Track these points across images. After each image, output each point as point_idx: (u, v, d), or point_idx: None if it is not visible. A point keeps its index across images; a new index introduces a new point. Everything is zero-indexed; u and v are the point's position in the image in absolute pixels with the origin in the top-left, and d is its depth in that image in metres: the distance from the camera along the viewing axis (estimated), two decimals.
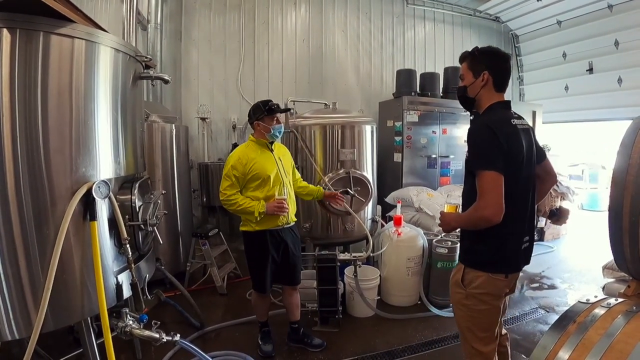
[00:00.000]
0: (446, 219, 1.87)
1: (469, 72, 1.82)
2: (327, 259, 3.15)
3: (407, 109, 5.25)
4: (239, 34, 5.63)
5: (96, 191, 1.53)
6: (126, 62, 1.87)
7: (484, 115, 1.80)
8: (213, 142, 5.57)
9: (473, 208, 1.67)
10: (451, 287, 1.90)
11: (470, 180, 1.73)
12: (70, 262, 1.60)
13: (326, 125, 3.81)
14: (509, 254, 1.76)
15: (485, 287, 1.74)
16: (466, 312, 1.81)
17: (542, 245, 5.78)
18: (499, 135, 1.62)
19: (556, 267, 4.91)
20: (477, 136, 1.69)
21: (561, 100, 6.72)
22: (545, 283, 4.39)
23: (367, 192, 3.80)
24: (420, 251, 3.58)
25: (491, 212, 1.59)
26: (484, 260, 1.76)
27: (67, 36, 1.61)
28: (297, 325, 2.98)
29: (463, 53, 1.88)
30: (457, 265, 1.89)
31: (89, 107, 1.68)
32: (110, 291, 1.70)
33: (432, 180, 5.43)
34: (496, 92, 1.79)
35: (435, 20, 6.88)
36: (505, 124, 1.70)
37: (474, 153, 1.69)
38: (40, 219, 1.53)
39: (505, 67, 1.80)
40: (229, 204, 2.58)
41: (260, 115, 2.63)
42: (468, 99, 1.85)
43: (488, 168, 1.60)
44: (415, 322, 3.38)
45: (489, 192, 1.59)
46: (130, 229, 1.75)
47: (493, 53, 1.81)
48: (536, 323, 3.43)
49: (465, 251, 1.86)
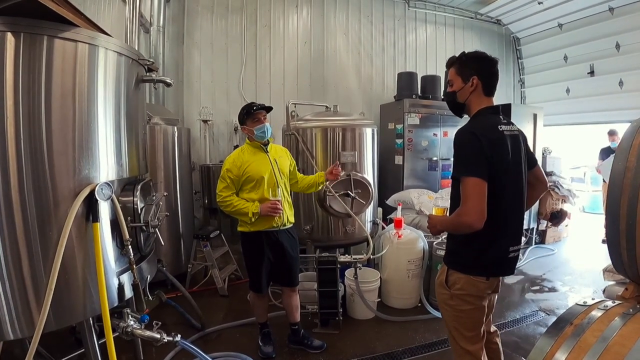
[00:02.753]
0: (433, 222, 1.89)
1: (457, 77, 1.82)
2: (327, 261, 3.16)
3: (409, 111, 5.26)
4: (241, 37, 5.67)
5: (99, 193, 1.55)
6: (129, 66, 1.89)
7: (471, 121, 1.81)
8: (215, 144, 5.60)
9: (456, 213, 1.70)
10: (436, 288, 1.95)
11: (457, 185, 1.74)
12: (73, 262, 1.62)
13: (327, 127, 3.82)
14: (491, 261, 1.76)
15: (467, 288, 1.77)
16: (451, 312, 1.85)
17: (543, 248, 5.78)
18: (483, 142, 1.63)
19: (557, 269, 4.89)
20: (460, 142, 1.70)
21: (562, 103, 6.71)
22: (546, 286, 4.38)
23: (367, 195, 3.80)
24: (420, 253, 3.59)
25: (472, 219, 1.61)
26: (466, 263, 1.78)
27: (70, 40, 1.63)
28: (297, 327, 2.99)
29: (450, 58, 1.89)
30: (442, 267, 1.92)
31: (91, 110, 1.70)
32: (112, 292, 1.71)
33: (433, 183, 5.43)
34: (485, 96, 1.80)
35: (437, 23, 6.90)
36: (491, 130, 1.70)
37: (458, 159, 1.71)
38: (44, 220, 1.55)
39: (493, 71, 1.81)
40: (225, 205, 2.62)
41: (243, 120, 2.69)
42: (457, 104, 1.86)
43: (470, 174, 1.62)
44: (416, 324, 3.38)
45: (470, 198, 1.61)
46: (132, 230, 1.77)
47: (481, 58, 1.81)
48: (536, 326, 3.42)
49: (450, 253, 1.90)
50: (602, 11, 5.70)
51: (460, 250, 1.80)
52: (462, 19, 7.05)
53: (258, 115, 2.65)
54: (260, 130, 2.65)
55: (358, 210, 3.75)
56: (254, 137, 2.67)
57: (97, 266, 1.56)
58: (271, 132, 2.75)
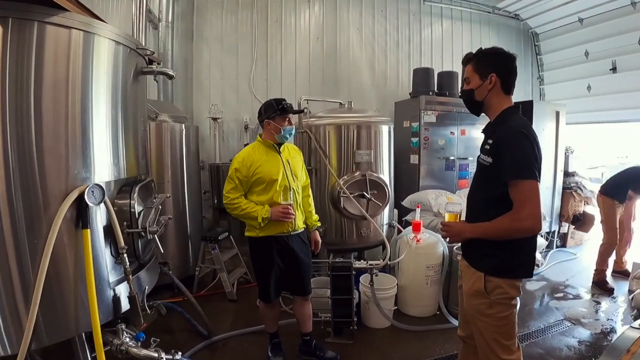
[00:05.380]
0: (456, 229, 1.82)
1: (474, 74, 1.76)
2: (341, 267, 2.98)
3: (425, 108, 5.06)
4: (251, 33, 5.54)
5: (89, 196, 1.39)
6: (127, 56, 1.74)
7: (510, 120, 1.70)
8: (225, 142, 5.47)
9: (510, 218, 1.60)
10: (469, 299, 1.80)
11: (488, 188, 1.70)
12: (65, 273, 1.47)
13: (341, 125, 3.64)
14: (533, 259, 1.75)
15: (511, 292, 1.70)
16: (490, 321, 1.73)
17: (564, 252, 5.59)
18: (533, 142, 1.59)
19: (580, 275, 4.67)
20: (512, 142, 1.61)
21: (583, 101, 6.46)
22: (570, 292, 4.18)
23: (384, 196, 3.61)
24: (440, 259, 3.41)
25: (532, 223, 1.57)
26: (508, 266, 1.70)
27: (63, 26, 1.50)
28: (309, 337, 2.81)
29: (467, 55, 1.83)
30: (472, 274, 1.78)
31: (85, 103, 1.56)
32: (105, 304, 1.56)
33: (450, 183, 5.23)
34: (505, 94, 1.75)
35: (453, 17, 6.68)
36: (532, 130, 1.66)
37: (511, 160, 1.59)
38: (33, 226, 1.41)
39: (512, 68, 1.75)
40: (232, 207, 2.45)
41: (272, 114, 2.47)
42: (475, 102, 1.80)
43: (527, 177, 1.56)
44: (435, 334, 3.20)
45: (529, 202, 1.55)
46: (129, 236, 1.61)
47: (499, 54, 1.76)
48: (562, 336, 3.22)
49: (484, 257, 1.75)
50: (624, 5, 5.43)
51: (499, 253, 1.69)
52: (479, 13, 6.82)
53: (289, 116, 2.50)
54: (289, 131, 2.50)
55: (374, 213, 3.57)
56: (276, 136, 2.49)
57: (87, 277, 1.41)
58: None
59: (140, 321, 1.54)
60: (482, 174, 1.77)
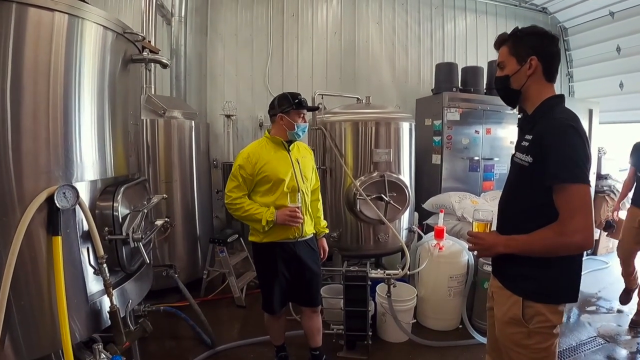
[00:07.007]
0: (487, 243, 1.53)
1: (511, 58, 1.50)
2: (356, 277, 2.76)
3: (448, 106, 4.79)
4: (266, 28, 5.40)
5: (59, 198, 1.20)
6: (114, 42, 1.56)
7: (554, 111, 1.44)
8: (239, 140, 5.33)
9: (554, 232, 1.35)
10: (503, 327, 1.53)
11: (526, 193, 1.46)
12: (37, 284, 1.30)
13: (358, 121, 3.43)
14: (580, 281, 1.48)
15: (554, 319, 1.44)
16: (529, 354, 1.47)
17: (595, 260, 5.26)
18: (584, 139, 1.34)
19: (613, 286, 4.32)
20: (561, 139, 1.34)
21: (615, 99, 6.09)
22: (603, 306, 3.88)
23: (404, 199, 3.38)
24: (464, 268, 3.15)
25: (582, 238, 1.31)
26: (552, 289, 1.45)
27: (46, 8, 1.34)
28: (319, 352, 2.59)
29: (501, 35, 1.56)
30: (507, 298, 1.51)
31: (68, 93, 1.39)
32: (83, 320, 1.38)
33: (474, 185, 4.94)
34: (547, 82, 1.49)
35: (477, 11, 6.39)
36: (581, 124, 1.39)
37: (558, 160, 1.34)
38: (3, 232, 1.24)
39: (555, 51, 1.49)
40: (234, 208, 2.25)
41: (287, 108, 2.28)
42: (511, 91, 1.53)
43: (578, 181, 1.31)
44: (456, 350, 2.96)
45: (580, 212, 1.30)
46: (112, 244, 1.43)
47: (540, 34, 1.48)
48: (595, 355, 2.97)
49: (523, 279, 1.48)
50: None
51: (540, 274, 1.44)
52: (505, 6, 6.54)
53: (304, 112, 2.33)
54: (302, 128, 2.32)
55: (392, 217, 3.35)
56: (288, 133, 2.30)
57: (57, 289, 1.22)
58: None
59: (122, 339, 1.35)
60: (519, 176, 1.50)
